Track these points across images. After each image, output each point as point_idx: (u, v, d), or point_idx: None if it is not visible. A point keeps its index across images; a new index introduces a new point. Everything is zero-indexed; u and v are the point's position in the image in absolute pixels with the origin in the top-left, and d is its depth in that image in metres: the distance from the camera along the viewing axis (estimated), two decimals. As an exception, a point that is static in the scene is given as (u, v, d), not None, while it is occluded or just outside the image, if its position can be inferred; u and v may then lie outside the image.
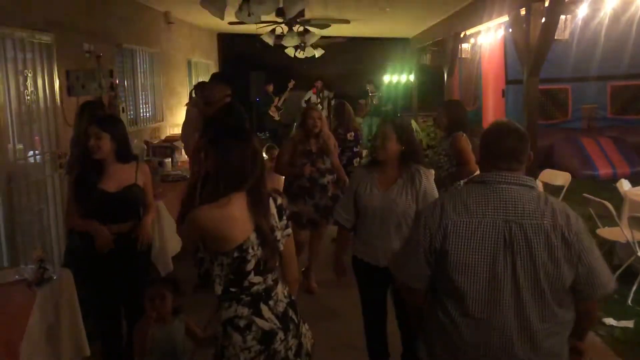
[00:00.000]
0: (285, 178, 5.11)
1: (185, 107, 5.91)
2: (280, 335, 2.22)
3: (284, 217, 2.33)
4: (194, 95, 5.66)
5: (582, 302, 2.06)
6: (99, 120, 3.27)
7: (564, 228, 1.96)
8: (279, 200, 2.32)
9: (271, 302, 2.24)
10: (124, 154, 3.29)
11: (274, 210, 2.28)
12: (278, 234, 2.28)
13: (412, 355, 2.43)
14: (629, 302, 4.68)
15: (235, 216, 2.13)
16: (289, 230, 2.36)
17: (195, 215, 2.14)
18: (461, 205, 2.04)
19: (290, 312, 2.31)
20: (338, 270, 3.49)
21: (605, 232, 5.26)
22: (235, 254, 2.13)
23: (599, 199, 5.03)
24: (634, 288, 4.74)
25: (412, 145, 3.19)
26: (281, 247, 2.30)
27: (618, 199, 5.39)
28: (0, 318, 2.84)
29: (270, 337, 2.20)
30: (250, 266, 2.17)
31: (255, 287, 2.21)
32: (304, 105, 12.72)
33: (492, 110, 11.33)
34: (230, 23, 7.56)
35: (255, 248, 2.17)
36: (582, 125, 10.85)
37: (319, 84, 12.66)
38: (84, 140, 3.21)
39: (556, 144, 10.30)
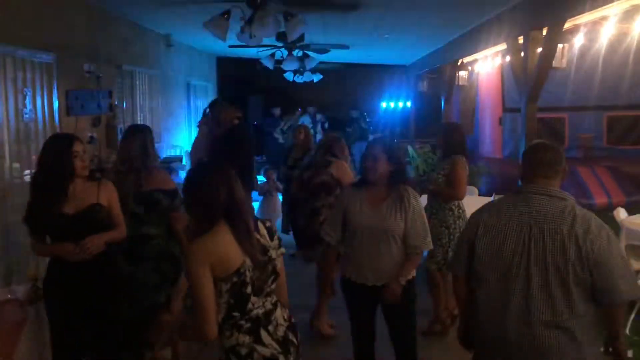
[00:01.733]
0: None
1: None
2: (281, 359, 2.26)
3: (275, 238, 2.39)
4: (207, 112, 5.63)
5: (602, 308, 2.27)
6: (77, 137, 3.07)
7: (580, 236, 2.22)
8: (267, 224, 2.40)
9: (270, 327, 2.28)
10: (92, 171, 3.21)
11: (264, 231, 2.34)
12: (272, 253, 2.33)
13: None
14: (627, 331, 4.63)
15: (227, 242, 2.17)
16: (283, 250, 2.42)
17: (192, 248, 2.16)
18: (494, 210, 2.44)
19: (290, 336, 2.34)
20: (327, 290, 3.53)
21: (603, 260, 5.24)
22: (234, 279, 2.16)
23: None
24: (632, 317, 4.70)
25: (400, 165, 3.32)
26: (278, 265, 2.35)
27: (613, 228, 5.37)
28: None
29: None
30: (250, 289, 2.21)
31: (255, 312, 2.24)
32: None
33: (489, 138, 11.41)
34: (231, 46, 7.63)
35: (250, 271, 2.21)
36: (578, 154, 10.91)
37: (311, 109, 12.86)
38: (64, 160, 2.93)
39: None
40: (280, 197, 7.01)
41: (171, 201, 3.70)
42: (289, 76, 10.74)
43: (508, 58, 6.10)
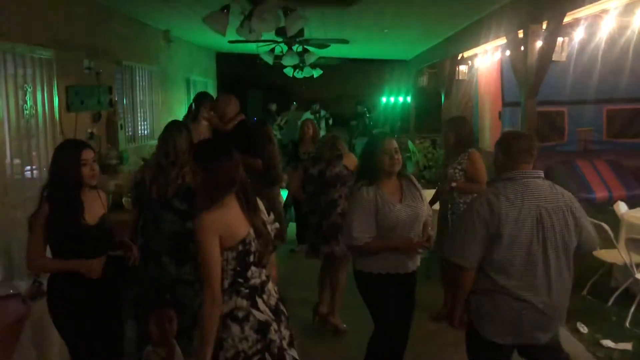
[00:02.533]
0: None
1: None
2: (274, 326, 2.47)
3: (271, 214, 2.72)
4: (194, 108, 5.58)
5: (579, 257, 2.84)
6: (87, 144, 2.99)
7: (570, 204, 2.73)
8: (263, 200, 2.73)
9: (265, 296, 2.50)
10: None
11: (263, 207, 2.62)
12: (270, 227, 2.61)
13: None
14: (627, 324, 4.65)
15: (235, 214, 2.41)
16: (277, 224, 2.74)
17: (206, 220, 2.35)
18: (504, 199, 2.67)
19: (281, 306, 2.57)
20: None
21: (603, 254, 5.25)
22: (240, 247, 2.40)
23: (596, 221, 5.03)
24: (632, 310, 4.72)
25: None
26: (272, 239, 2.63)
27: (614, 221, 5.40)
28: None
29: (266, 327, 2.43)
30: (252, 258, 2.45)
31: (253, 280, 2.46)
32: (298, 125, 12.83)
33: (489, 132, 11.40)
34: (231, 42, 7.62)
35: (254, 241, 2.46)
36: (577, 148, 10.90)
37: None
38: (72, 168, 2.83)
39: (552, 167, 10.33)
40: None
41: None
42: (288, 72, 10.74)
43: (508, 52, 6.09)
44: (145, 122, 8.12)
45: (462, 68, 9.22)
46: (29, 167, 4.93)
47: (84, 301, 2.85)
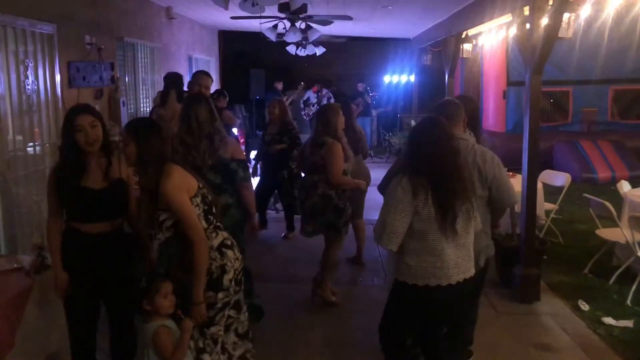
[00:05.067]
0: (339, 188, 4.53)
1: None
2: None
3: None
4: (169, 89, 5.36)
5: (496, 210, 3.29)
6: (87, 108, 2.95)
7: (480, 165, 3.12)
8: None
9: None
10: (109, 145, 3.01)
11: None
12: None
13: None
14: (628, 302, 4.67)
15: (183, 171, 2.76)
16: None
17: (172, 182, 2.66)
18: None
19: None
20: None
21: (605, 232, 5.26)
22: (200, 192, 2.79)
23: (599, 199, 5.03)
24: (634, 288, 4.73)
25: None
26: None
27: (616, 201, 5.39)
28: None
29: (239, 248, 2.99)
30: (210, 197, 2.87)
31: (217, 224, 2.91)
32: (301, 105, 12.77)
33: (493, 111, 11.35)
34: (233, 18, 7.56)
35: (203, 186, 2.86)
36: (582, 128, 10.86)
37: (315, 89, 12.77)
38: (66, 133, 2.85)
39: (556, 147, 10.30)
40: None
41: (244, 171, 3.73)
42: (291, 49, 10.66)
43: (513, 30, 6.02)
44: (147, 100, 8.08)
45: (467, 46, 9.12)
46: (31, 143, 4.92)
47: (88, 257, 2.90)
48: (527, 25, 4.92)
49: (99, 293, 3.02)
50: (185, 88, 5.46)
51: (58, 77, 5.27)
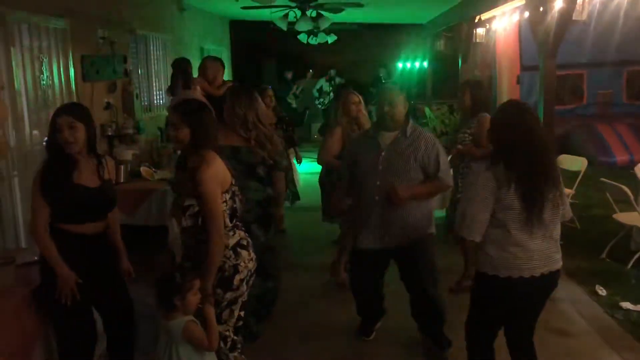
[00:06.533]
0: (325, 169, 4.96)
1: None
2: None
3: None
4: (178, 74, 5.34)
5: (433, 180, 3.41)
6: (69, 109, 2.91)
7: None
8: None
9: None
10: (94, 146, 2.92)
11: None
12: None
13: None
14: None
15: (221, 163, 2.76)
16: None
17: (210, 172, 2.66)
18: None
19: None
20: None
21: (623, 216, 5.22)
22: (232, 188, 2.80)
23: (616, 183, 4.98)
24: (632, 261, 4.69)
25: None
26: None
27: (635, 185, 5.33)
28: (22, 296, 2.89)
29: (254, 248, 2.94)
30: (239, 197, 2.88)
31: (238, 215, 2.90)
32: (316, 94, 12.75)
33: (507, 97, 11.24)
34: (244, 7, 7.54)
35: (235, 183, 2.85)
36: (597, 111, 10.72)
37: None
38: (51, 133, 2.79)
39: (572, 131, 10.19)
40: None
41: (284, 160, 3.84)
42: (302, 38, 10.62)
43: (527, 14, 5.95)
44: (160, 92, 8.12)
45: (480, 31, 9.04)
46: (47, 138, 4.96)
47: (78, 258, 2.81)
48: (541, 9, 4.87)
49: (93, 296, 2.92)
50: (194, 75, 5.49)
51: (72, 72, 5.32)
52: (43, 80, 4.89)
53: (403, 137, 3.45)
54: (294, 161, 7.02)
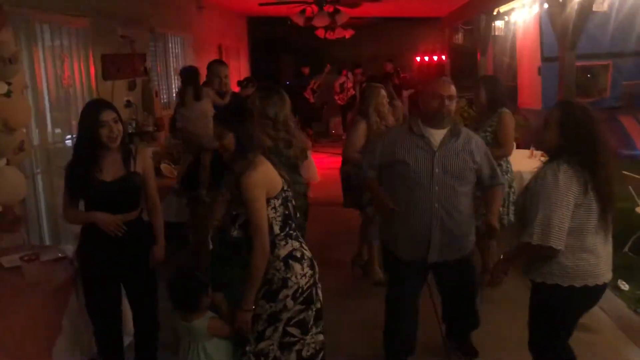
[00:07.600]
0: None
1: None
2: (314, 262, 2.73)
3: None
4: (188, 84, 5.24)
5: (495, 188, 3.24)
6: (108, 105, 2.98)
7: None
8: None
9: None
10: (125, 139, 3.00)
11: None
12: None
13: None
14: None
15: (270, 168, 2.64)
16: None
17: (254, 177, 2.53)
18: None
19: None
20: None
21: (646, 210, 5.14)
22: (283, 194, 2.63)
23: (638, 177, 4.91)
24: (630, 241, 4.61)
25: None
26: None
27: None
28: (46, 291, 2.94)
29: (313, 263, 2.71)
30: (293, 202, 2.70)
31: (295, 224, 2.70)
32: (338, 89, 12.72)
33: (528, 89, 11.12)
34: (261, 4, 7.57)
35: (289, 189, 2.69)
36: (620, 103, 10.54)
37: (358, 71, 12.49)
38: (90, 129, 2.85)
39: (594, 123, 10.03)
40: None
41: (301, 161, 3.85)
42: (320, 33, 10.62)
43: (546, 5, 5.88)
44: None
45: (499, 23, 8.96)
46: (69, 136, 5.06)
47: (106, 250, 2.93)
48: (560, 0, 4.81)
49: (119, 279, 3.07)
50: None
51: (92, 70, 5.39)
52: (64, 80, 4.97)
53: (455, 136, 3.11)
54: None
